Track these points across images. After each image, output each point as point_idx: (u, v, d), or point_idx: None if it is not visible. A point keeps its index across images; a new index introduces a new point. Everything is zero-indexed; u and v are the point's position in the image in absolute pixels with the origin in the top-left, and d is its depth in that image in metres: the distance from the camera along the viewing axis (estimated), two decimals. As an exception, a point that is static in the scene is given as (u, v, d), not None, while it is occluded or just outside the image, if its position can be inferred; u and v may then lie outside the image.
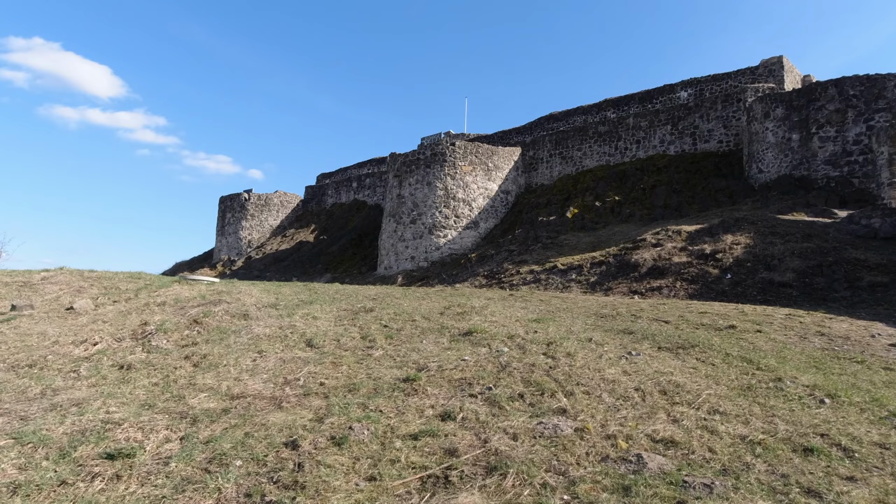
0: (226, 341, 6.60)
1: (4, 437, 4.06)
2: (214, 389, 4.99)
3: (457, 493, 2.98)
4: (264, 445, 3.79)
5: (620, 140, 28.41)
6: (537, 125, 41.36)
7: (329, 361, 5.66)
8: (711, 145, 24.10)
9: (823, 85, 16.51)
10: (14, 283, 11.60)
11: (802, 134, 16.85)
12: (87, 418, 4.40)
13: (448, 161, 29.55)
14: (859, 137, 15.37)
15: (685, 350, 5.45)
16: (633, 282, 14.08)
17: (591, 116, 37.21)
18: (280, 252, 39.79)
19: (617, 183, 25.88)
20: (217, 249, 46.29)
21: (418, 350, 5.98)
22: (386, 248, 30.89)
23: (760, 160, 18.61)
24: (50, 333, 7.97)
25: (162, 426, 4.09)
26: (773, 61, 27.46)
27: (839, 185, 15.42)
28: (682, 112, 25.69)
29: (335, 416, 4.19)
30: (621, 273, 14.97)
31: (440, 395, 4.62)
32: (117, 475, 3.40)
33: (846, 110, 15.72)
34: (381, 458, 3.49)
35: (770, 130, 18.06)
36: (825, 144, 16.12)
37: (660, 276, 13.70)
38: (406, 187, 30.45)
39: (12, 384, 5.81)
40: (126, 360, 6.18)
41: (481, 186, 29.99)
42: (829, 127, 16.06)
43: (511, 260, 20.46)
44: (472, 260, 24.73)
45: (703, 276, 12.69)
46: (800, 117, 17.03)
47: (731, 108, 23.56)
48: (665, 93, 33.20)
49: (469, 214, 29.44)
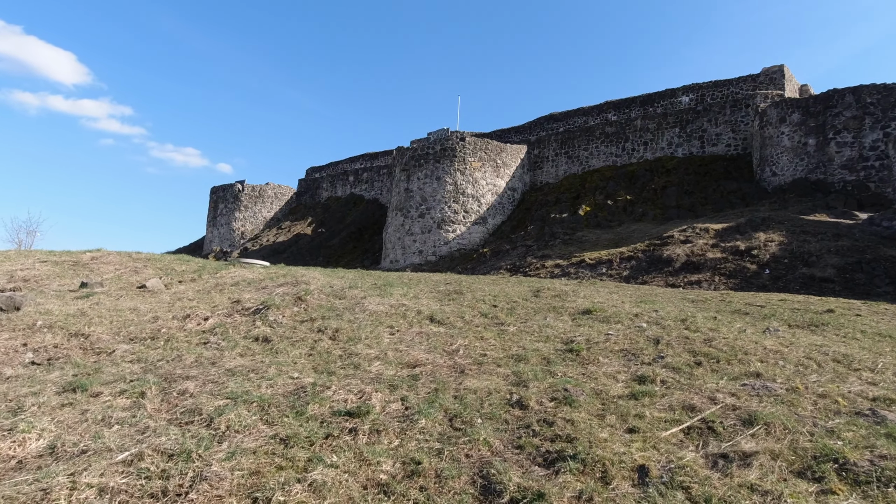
0: (345, 317, 6.62)
1: (219, 397, 4.04)
2: (381, 359, 5.05)
3: (732, 439, 3.18)
4: (488, 405, 3.91)
5: (628, 141, 29.11)
6: (537, 125, 41.86)
7: (472, 336, 5.78)
8: (719, 148, 25.00)
9: (841, 92, 17.44)
10: (64, 262, 11.19)
11: (819, 139, 17.75)
12: (280, 382, 4.41)
13: (458, 156, 29.69)
14: (876, 143, 16.33)
15: (818, 328, 5.82)
16: (668, 276, 14.57)
17: (592, 118, 37.90)
18: (278, 244, 39.14)
19: (626, 183, 26.55)
20: (208, 240, 45.14)
21: (550, 326, 6.16)
22: (392, 241, 30.81)
23: (775, 163, 19.47)
24: (142, 310, 7.78)
25: (370, 389, 4.14)
26: (775, 69, 28.65)
27: (855, 189, 16.34)
28: (691, 115, 26.53)
29: (536, 380, 4.34)
30: (654, 268, 15.46)
31: (613, 363, 4.82)
32: (375, 430, 3.47)
33: (863, 117, 16.66)
34: (622, 413, 3.66)
35: (786, 135, 18.92)
36: (842, 149, 17.04)
37: (695, 270, 14.22)
38: (415, 181, 30.42)
39: (148, 354, 5.70)
40: (257, 333, 6.14)
41: (490, 183, 30.24)
42: (846, 133, 16.98)
43: (533, 254, 20.78)
44: (486, 254, 24.96)
45: (740, 271, 13.26)
46: (816, 123, 17.93)
47: (740, 112, 24.50)
48: (666, 97, 34.14)
49: (478, 210, 29.65)
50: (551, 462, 3.08)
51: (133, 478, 2.96)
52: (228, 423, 3.57)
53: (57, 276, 10.19)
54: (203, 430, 3.50)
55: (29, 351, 6.34)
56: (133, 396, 4.34)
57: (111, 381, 4.82)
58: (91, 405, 4.21)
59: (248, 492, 2.83)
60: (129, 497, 2.81)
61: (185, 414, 3.82)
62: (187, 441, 3.30)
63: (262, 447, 3.27)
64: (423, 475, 2.96)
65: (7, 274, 10.13)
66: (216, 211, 44.72)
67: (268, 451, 3.23)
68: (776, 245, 13.59)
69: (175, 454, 3.17)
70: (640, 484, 2.82)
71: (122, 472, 3.03)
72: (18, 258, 11.51)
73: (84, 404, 4.25)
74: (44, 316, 7.43)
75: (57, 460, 3.34)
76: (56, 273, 10.41)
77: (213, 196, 45.58)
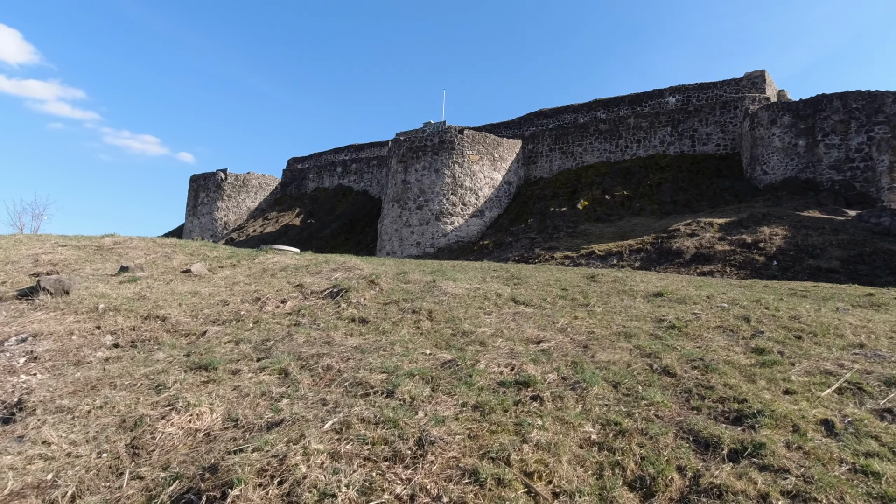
0: (428, 300, 6.72)
1: (374, 371, 4.12)
2: (500, 336, 5.21)
3: (886, 396, 3.53)
4: (636, 374, 4.15)
5: (621, 138, 29.93)
6: (527, 120, 42.37)
7: (567, 315, 6.01)
8: (710, 147, 26.08)
9: (829, 97, 18.57)
10: (85, 246, 10.74)
11: (809, 140, 18.86)
12: (420, 358, 4.53)
13: (456, 149, 29.81)
14: (861, 146, 17.51)
15: (880, 307, 6.35)
16: (680, 267, 15.23)
17: (582, 115, 38.68)
18: (265, 235, 38.29)
19: (622, 179, 27.33)
20: (188, 230, 43.67)
21: (633, 307, 6.46)
22: (389, 233, 30.70)
23: (765, 163, 20.54)
24: (203, 293, 7.63)
25: (517, 363, 4.31)
26: (757, 74, 30.04)
27: (843, 188, 17.49)
28: (682, 115, 27.53)
29: (663, 352, 4.61)
30: (664, 259, 16.11)
31: (718, 338, 5.15)
32: (557, 397, 3.65)
33: (849, 121, 17.82)
34: (768, 378, 3.97)
35: (777, 136, 19.98)
36: (830, 151, 18.18)
37: (706, 262, 14.92)
38: (412, 173, 30.36)
39: (245, 335, 5.66)
40: (350, 314, 6.18)
41: (487, 176, 30.52)
42: (833, 135, 18.12)
43: (539, 246, 21.21)
44: (487, 246, 25.26)
45: (750, 262, 14.01)
46: (806, 125, 19.03)
47: (729, 113, 25.63)
48: (654, 97, 35.21)
49: (475, 203, 29.88)
50: (737, 419, 3.34)
51: (355, 444, 3.04)
52: (410, 393, 3.68)
53: (85, 261, 9.79)
54: (389, 401, 3.59)
55: (106, 334, 6.16)
56: (275, 373, 4.36)
57: (234, 359, 4.80)
58: (238, 382, 4.21)
59: (479, 452, 2.96)
60: (365, 461, 2.90)
61: (353, 387, 3.88)
62: (385, 410, 3.39)
63: (460, 414, 3.40)
64: (630, 434, 3.17)
65: (31, 258, 9.66)
66: (196, 200, 43.28)
67: (468, 417, 3.37)
68: (781, 238, 14.42)
69: (380, 422, 3.26)
70: (831, 434, 3.12)
71: (338, 439, 3.10)
72: (33, 242, 10.96)
73: (229, 381, 4.23)
74: (101, 299, 7.19)
75: (247, 431, 3.37)
76: (82, 258, 10.00)
77: (192, 185, 44.08)
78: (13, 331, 6.16)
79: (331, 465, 2.83)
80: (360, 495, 2.62)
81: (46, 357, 5.41)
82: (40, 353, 5.47)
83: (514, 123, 42.94)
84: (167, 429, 3.40)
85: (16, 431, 3.50)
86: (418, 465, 2.83)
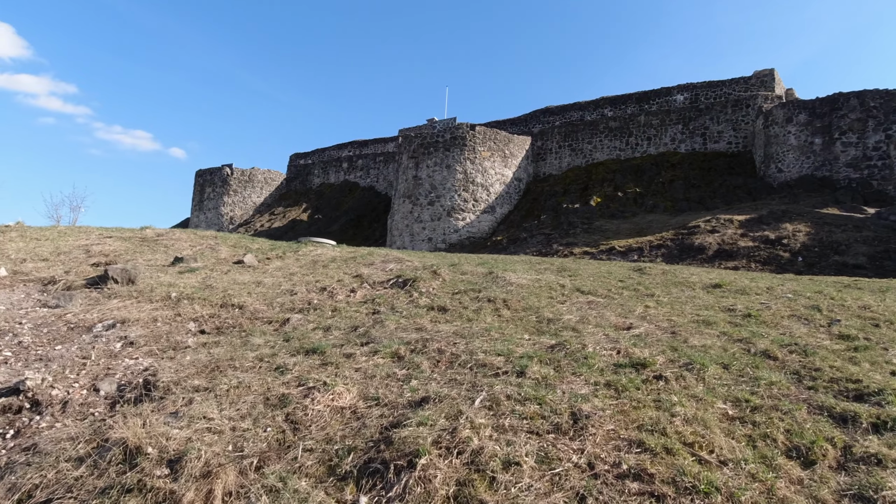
0: (495, 289, 6.87)
1: (489, 354, 4.28)
2: (588, 322, 5.39)
3: None
4: (736, 357, 4.33)
5: (631, 136, 30.15)
6: (532, 117, 42.50)
7: (640, 305, 6.19)
8: (721, 146, 26.36)
9: (846, 96, 18.88)
10: (130, 238, 10.80)
11: (825, 138, 19.17)
12: (521, 342, 4.69)
13: (468, 145, 29.91)
14: (878, 144, 17.84)
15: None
16: (703, 262, 15.48)
17: (588, 113, 38.85)
18: (273, 230, 38.25)
19: (633, 176, 27.57)
20: (193, 225, 43.50)
21: (696, 297, 6.65)
22: (399, 228, 30.79)
23: (780, 161, 20.83)
24: (267, 283, 7.75)
25: (622, 346, 4.48)
26: (765, 73, 30.34)
27: (860, 186, 17.82)
28: (693, 113, 27.78)
29: (754, 338, 4.81)
30: (686, 255, 16.36)
31: (796, 326, 5.35)
32: (679, 377, 3.83)
33: (867, 119, 18.14)
34: (869, 360, 4.17)
35: (792, 134, 20.28)
36: (847, 149, 18.50)
37: (730, 257, 15.18)
38: (423, 169, 30.43)
39: (330, 323, 5.79)
40: (425, 303, 6.33)
41: (498, 172, 30.65)
42: (851, 133, 18.44)
43: (557, 242, 21.41)
44: (501, 242, 25.44)
45: (774, 258, 14.28)
46: (822, 123, 19.33)
47: (741, 112, 25.90)
48: (662, 95, 35.42)
49: (487, 199, 30.02)
50: (859, 398, 3.54)
51: (512, 418, 3.20)
52: (539, 374, 3.85)
53: (135, 252, 9.86)
54: (522, 381, 3.75)
55: (188, 321, 6.27)
56: (388, 357, 4.50)
57: (336, 344, 4.93)
58: (356, 364, 4.35)
59: (634, 425, 3.14)
60: (529, 433, 3.06)
61: (478, 368, 4.04)
62: (525, 389, 3.56)
63: (597, 392, 3.57)
64: (764, 409, 3.36)
65: (82, 249, 9.72)
66: (202, 195, 43.12)
67: (605, 395, 3.54)
68: (804, 235, 14.70)
69: (526, 399, 3.43)
70: (956, 410, 3.31)
71: (493, 414, 3.26)
72: (78, 233, 10.99)
73: (346, 364, 4.37)
74: (171, 288, 7.29)
75: (393, 408, 3.52)
76: (131, 249, 10.06)
77: (198, 179, 43.91)
78: (96, 317, 6.26)
79: (500, 438, 2.99)
80: (539, 463, 2.78)
81: (142, 342, 5.52)
82: (135, 339, 5.58)
83: (519, 120, 43.03)
84: (315, 406, 3.55)
85: (166, 409, 3.62)
86: (583, 437, 3.00)
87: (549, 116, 40.67)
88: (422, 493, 2.61)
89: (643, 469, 2.70)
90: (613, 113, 35.81)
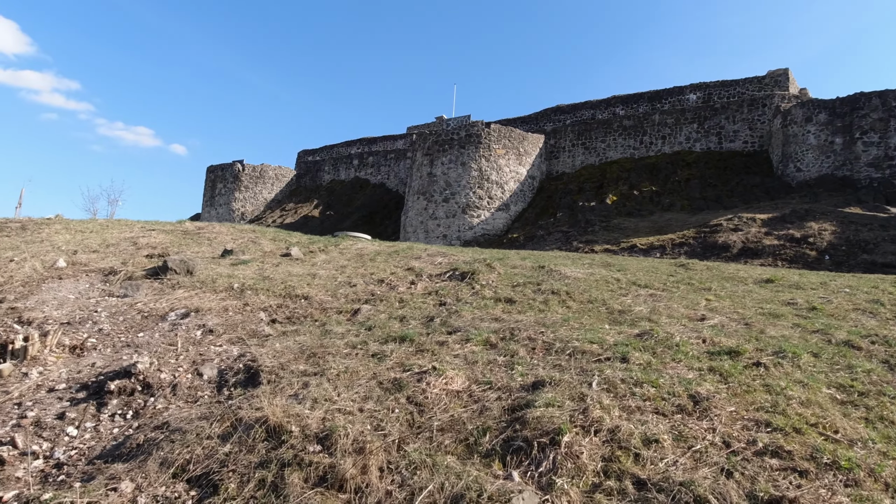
0: (553, 283, 6.99)
1: (573, 340, 4.40)
2: (661, 313, 5.51)
3: None
4: (820, 346, 4.45)
5: (646, 135, 30.24)
6: (543, 115, 42.56)
7: (701, 298, 6.30)
8: (737, 145, 26.45)
9: (867, 95, 18.97)
10: (172, 231, 10.93)
11: (846, 138, 19.26)
12: (609, 332, 4.81)
13: (483, 143, 30.00)
14: (900, 145, 17.94)
15: None
16: (728, 260, 15.58)
17: (600, 112, 38.91)
18: (285, 225, 38.39)
19: (649, 174, 27.66)
20: (205, 220, 43.64)
21: (753, 291, 6.77)
22: (413, 225, 30.91)
23: (799, 160, 20.92)
24: (321, 275, 7.87)
25: (705, 336, 4.60)
26: (780, 73, 30.41)
27: (882, 186, 17.92)
28: (708, 112, 27.86)
29: (826, 329, 4.92)
30: (709, 253, 16.46)
31: (864, 319, 5.48)
32: (776, 364, 3.94)
33: (889, 119, 18.24)
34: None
35: (812, 133, 20.37)
36: (868, 149, 18.60)
37: (755, 256, 15.29)
38: (438, 166, 30.54)
39: (401, 313, 5.92)
40: (489, 294, 6.45)
41: (513, 170, 30.75)
42: (872, 133, 18.54)
43: (576, 239, 21.52)
44: (517, 239, 25.55)
45: (801, 256, 14.39)
46: (843, 123, 19.42)
47: (757, 111, 25.98)
48: (674, 94, 35.50)
49: (501, 196, 30.11)
50: (958, 385, 3.65)
51: (633, 400, 3.32)
52: (641, 360, 3.96)
53: (181, 245, 9.99)
54: (627, 365, 3.88)
55: (258, 311, 6.40)
56: (480, 344, 4.62)
57: (421, 333, 5.05)
58: (454, 352, 4.46)
59: (753, 407, 3.25)
60: (655, 413, 3.18)
61: (578, 354, 4.17)
62: (634, 373, 3.68)
63: (704, 376, 3.69)
64: (871, 394, 3.48)
65: (129, 241, 9.84)
66: (214, 190, 43.27)
67: (713, 379, 3.66)
68: (830, 234, 14.81)
69: (638, 382, 3.55)
70: None
71: (613, 396, 3.38)
72: (120, 226, 11.12)
73: (443, 351, 4.49)
74: (231, 279, 7.42)
75: (509, 392, 3.64)
76: (176, 241, 10.19)
77: (209, 175, 44.06)
78: (166, 307, 6.38)
79: (631, 417, 3.12)
80: (677, 441, 2.91)
81: (220, 331, 5.65)
82: (213, 327, 5.70)
83: (530, 119, 43.07)
84: (432, 390, 3.67)
85: (285, 392, 3.74)
86: (710, 417, 3.12)
87: (561, 115, 40.75)
88: (572, 467, 2.73)
89: (779, 447, 2.82)
90: (625, 112, 35.90)
